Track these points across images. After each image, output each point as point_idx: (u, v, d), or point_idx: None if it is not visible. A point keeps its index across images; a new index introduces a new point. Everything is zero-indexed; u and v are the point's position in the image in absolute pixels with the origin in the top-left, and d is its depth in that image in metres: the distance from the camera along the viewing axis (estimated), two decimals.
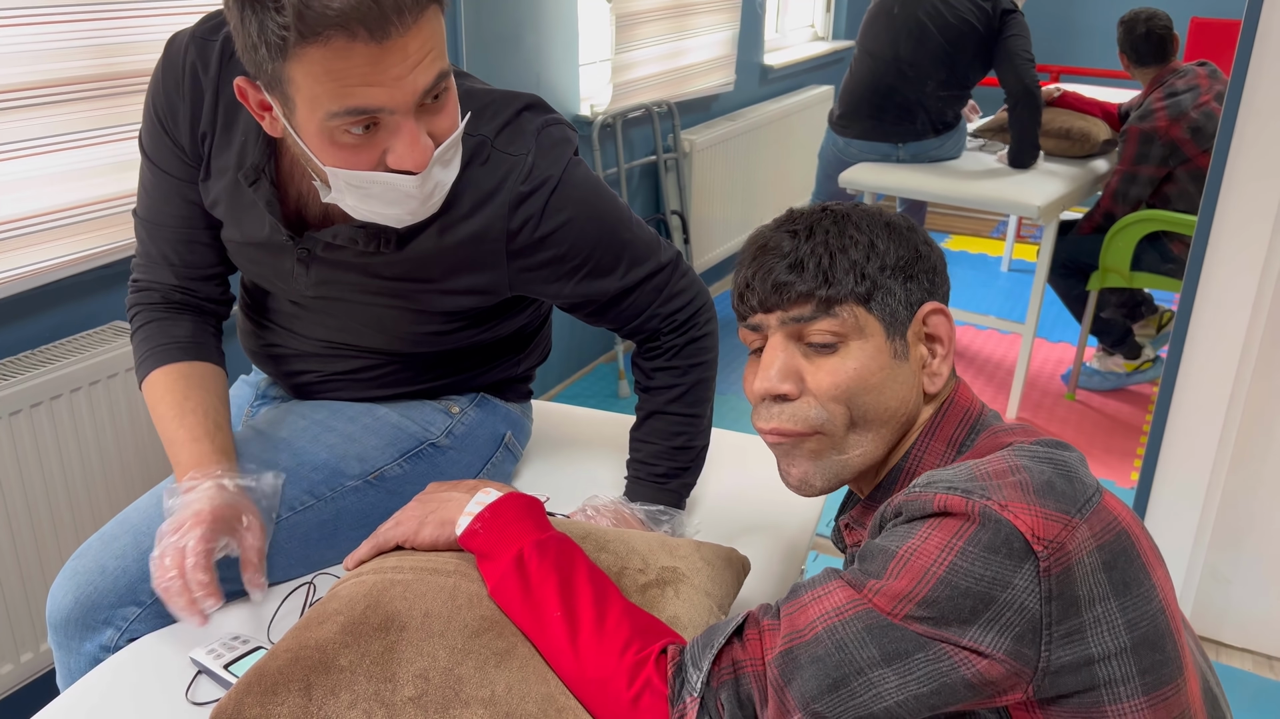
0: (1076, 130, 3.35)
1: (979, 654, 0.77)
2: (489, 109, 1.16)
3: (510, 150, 1.15)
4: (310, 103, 0.97)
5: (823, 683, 0.80)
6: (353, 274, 1.21)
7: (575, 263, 1.21)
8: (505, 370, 1.44)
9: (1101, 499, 0.82)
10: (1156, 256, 3.09)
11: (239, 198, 1.20)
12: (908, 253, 0.95)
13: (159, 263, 1.29)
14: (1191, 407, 2.13)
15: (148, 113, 1.22)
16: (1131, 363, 3.44)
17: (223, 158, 1.19)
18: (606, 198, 1.23)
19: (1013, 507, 0.78)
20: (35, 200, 1.71)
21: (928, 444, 0.95)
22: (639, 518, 1.30)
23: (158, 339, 1.28)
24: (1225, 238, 1.99)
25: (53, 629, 1.18)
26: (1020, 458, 0.84)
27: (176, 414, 1.22)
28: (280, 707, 0.87)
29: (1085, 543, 0.78)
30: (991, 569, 0.77)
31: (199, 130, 1.19)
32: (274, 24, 0.92)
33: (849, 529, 1.02)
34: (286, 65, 0.95)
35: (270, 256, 1.23)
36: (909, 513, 0.83)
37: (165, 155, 1.22)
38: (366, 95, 0.96)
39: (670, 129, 3.55)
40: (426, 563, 1.01)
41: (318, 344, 1.33)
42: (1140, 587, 0.80)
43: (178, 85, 1.18)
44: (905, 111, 3.33)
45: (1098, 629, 0.78)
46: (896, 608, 0.79)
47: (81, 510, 1.81)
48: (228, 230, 1.25)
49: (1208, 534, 2.20)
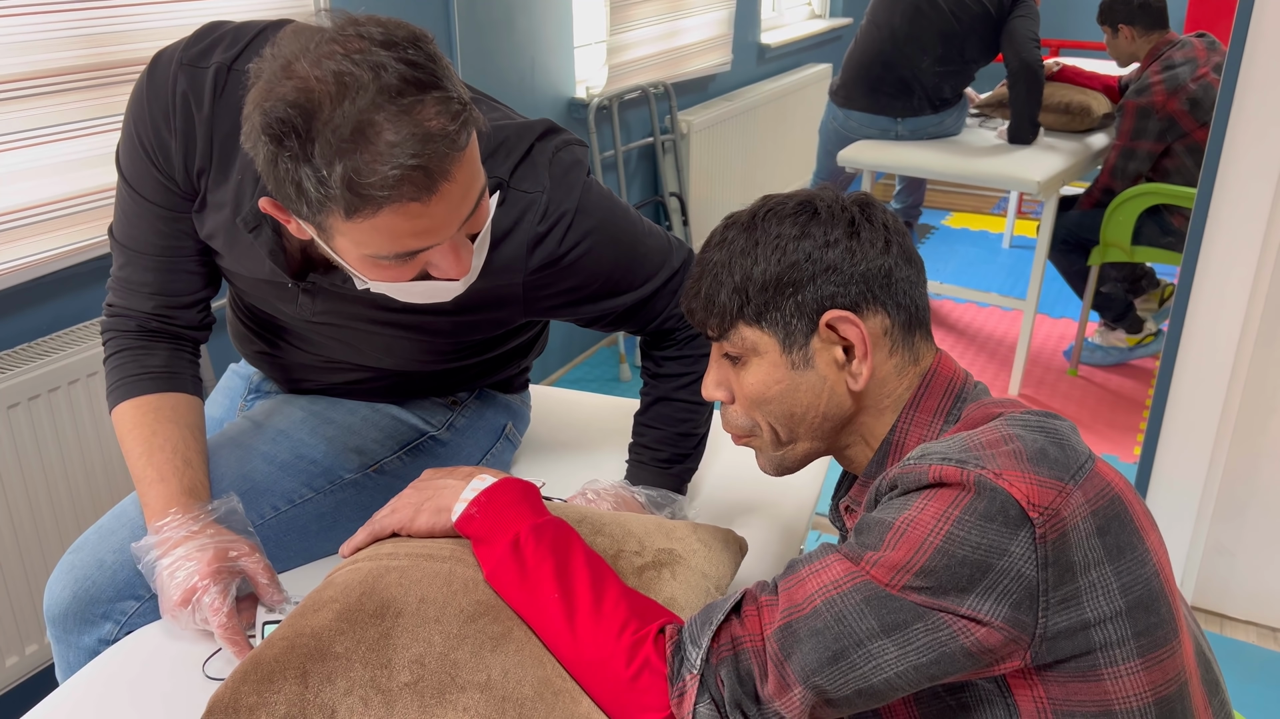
0: (1076, 104, 3.33)
1: (977, 622, 0.78)
2: (503, 148, 1.12)
3: (525, 188, 1.11)
4: (354, 245, 0.92)
5: (822, 655, 0.81)
6: (359, 306, 1.16)
7: (594, 288, 1.19)
8: (506, 373, 1.44)
9: (1094, 466, 0.83)
10: (1157, 230, 3.07)
11: (237, 237, 1.13)
12: (797, 265, 0.93)
13: (136, 290, 1.22)
14: (1193, 379, 2.12)
15: (130, 137, 1.13)
16: (1134, 337, 3.43)
17: (219, 193, 1.12)
18: (621, 216, 1.20)
19: (1007, 474, 0.79)
20: (29, 193, 1.71)
21: (913, 415, 0.96)
22: (640, 502, 1.30)
23: (129, 369, 1.22)
24: (1225, 210, 1.98)
25: (51, 623, 1.18)
26: (1013, 427, 0.85)
27: (144, 450, 1.17)
28: (277, 695, 0.87)
29: (1079, 508, 0.79)
30: (988, 537, 0.78)
31: (194, 167, 1.12)
32: (315, 190, 0.87)
33: (848, 512, 1.02)
34: (329, 219, 0.90)
35: (271, 288, 1.18)
36: (904, 485, 0.84)
37: (149, 185, 1.14)
38: (417, 242, 0.92)
39: (667, 110, 3.53)
40: (422, 549, 1.00)
41: (318, 359, 1.30)
42: (1134, 551, 0.81)
43: (167, 118, 1.10)
44: (903, 86, 3.31)
45: (1093, 594, 0.78)
46: (894, 579, 0.79)
47: (82, 502, 1.81)
48: (225, 261, 1.19)
49: (1210, 507, 2.19)
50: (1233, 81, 1.90)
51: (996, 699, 0.82)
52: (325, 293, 1.15)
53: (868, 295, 0.94)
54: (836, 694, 0.81)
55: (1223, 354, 2.07)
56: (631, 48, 3.25)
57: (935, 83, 3.29)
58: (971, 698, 0.84)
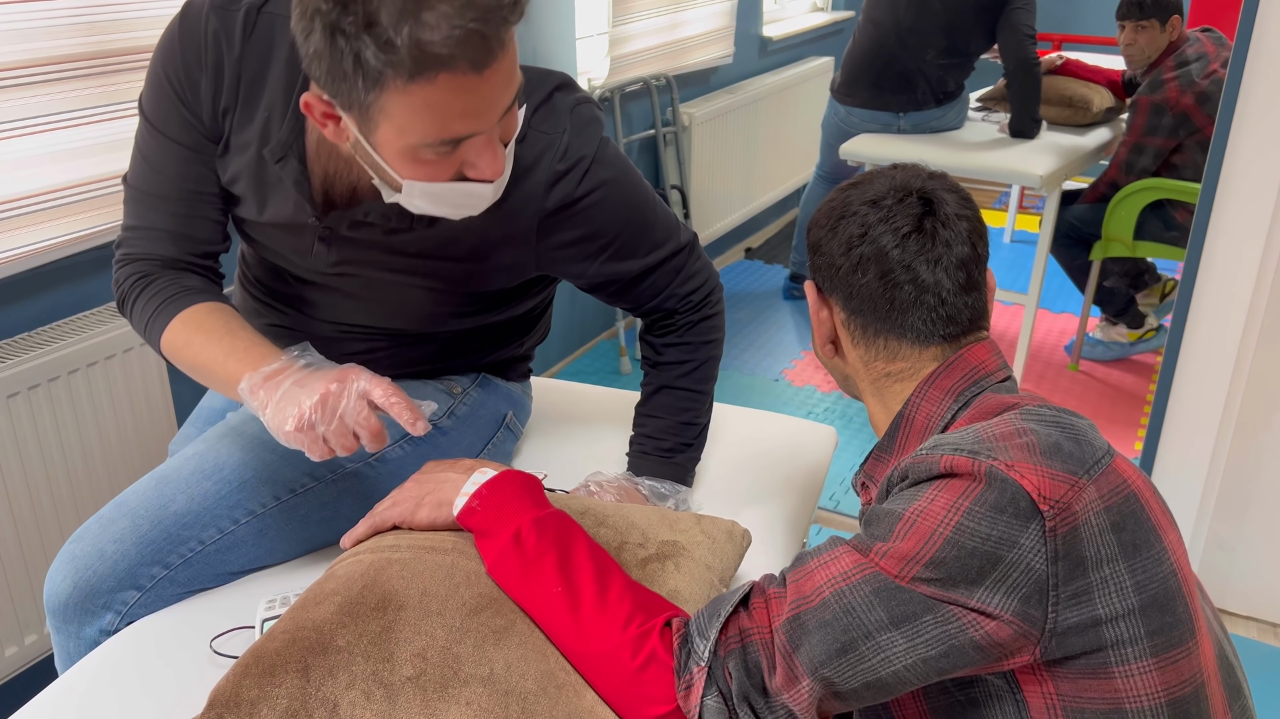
0: (1078, 98, 3.31)
1: (987, 615, 0.77)
2: (523, 89, 1.13)
3: (545, 129, 1.15)
4: (400, 130, 0.95)
5: (831, 647, 0.80)
6: (375, 252, 1.18)
7: (603, 242, 1.21)
8: (509, 350, 1.43)
9: (1112, 462, 0.82)
10: (1159, 225, 3.06)
11: (262, 175, 1.16)
12: (819, 225, 1.02)
13: (157, 237, 1.21)
14: (1195, 375, 2.12)
15: (157, 80, 1.15)
16: (1135, 332, 3.42)
17: (244, 134, 1.15)
18: (635, 178, 1.23)
19: (1019, 467, 0.79)
20: (29, 181, 1.70)
21: (926, 391, 0.97)
22: (644, 493, 1.30)
23: (169, 291, 1.19)
24: (1229, 205, 1.97)
25: (51, 614, 1.18)
26: (1027, 420, 0.84)
27: (225, 333, 1.12)
28: (278, 688, 0.86)
29: (1092, 503, 0.78)
30: (998, 528, 0.77)
31: (220, 105, 1.15)
32: (375, 58, 0.90)
33: (864, 488, 1.03)
34: (382, 96, 0.93)
35: (289, 234, 1.20)
36: (915, 475, 0.83)
37: (177, 125, 1.16)
38: (462, 125, 0.96)
39: (669, 102, 3.52)
40: (424, 541, 1.00)
41: (326, 326, 1.31)
42: (1150, 549, 0.80)
43: (199, 56, 1.13)
44: (905, 80, 3.29)
45: (1105, 590, 0.78)
46: (904, 570, 0.79)
47: (82, 492, 1.80)
48: (245, 208, 1.21)
49: (1212, 503, 2.19)
50: (1238, 77, 1.89)
51: (1005, 694, 0.82)
52: (342, 241, 1.17)
53: (829, 284, 1.00)
54: (844, 687, 0.81)
55: (1226, 349, 2.07)
56: (633, 39, 3.23)
57: (939, 75, 3.28)
58: (980, 693, 0.83)
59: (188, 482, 1.21)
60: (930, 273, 0.95)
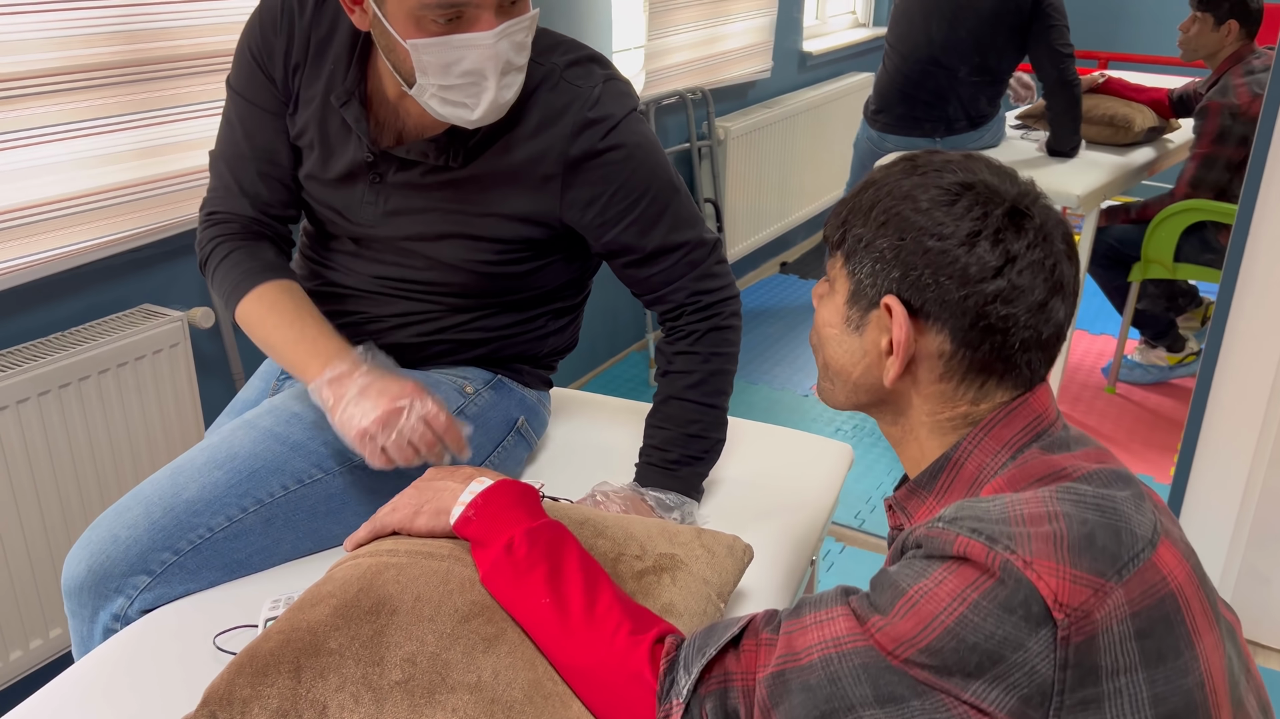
0: (1120, 117, 3.26)
1: (980, 711, 0.72)
2: (561, 46, 1.27)
3: (578, 82, 1.24)
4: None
5: (810, 713, 0.77)
6: (417, 199, 1.29)
7: (624, 204, 1.27)
8: (533, 346, 1.44)
9: (1153, 554, 0.74)
10: (1200, 246, 3.00)
11: (326, 125, 1.30)
12: (899, 229, 0.85)
13: (236, 194, 1.36)
14: (1230, 399, 2.07)
15: (240, 52, 1.32)
16: (1175, 356, 3.36)
17: (312, 88, 1.29)
18: (662, 157, 1.30)
19: (1038, 565, 0.72)
20: (66, 185, 1.74)
21: (981, 439, 0.86)
22: (649, 504, 1.30)
23: (247, 265, 1.33)
24: (1266, 226, 1.93)
25: (67, 597, 1.21)
26: (1063, 503, 0.76)
27: (295, 317, 1.28)
28: (270, 688, 0.87)
29: (1117, 609, 0.72)
30: (1004, 628, 0.72)
31: (291, 63, 1.29)
32: None
33: (891, 511, 0.96)
34: None
35: (345, 187, 1.32)
36: (928, 549, 0.78)
37: (257, 89, 1.32)
38: None
39: (705, 116, 3.52)
40: (422, 547, 1.01)
41: (373, 281, 1.37)
42: (1178, 658, 0.73)
43: (275, 24, 1.29)
44: (938, 103, 3.27)
45: (1118, 700, 0.71)
46: (898, 650, 0.75)
47: (109, 488, 1.84)
48: (309, 164, 1.33)
49: (1246, 531, 2.14)
50: (1276, 95, 1.86)
51: None
52: (389, 190, 1.30)
53: (938, 308, 0.84)
54: None
55: (1262, 373, 2.02)
56: (670, 53, 3.24)
57: (971, 94, 3.24)
58: None
59: (200, 471, 1.24)
60: (1062, 308, 0.85)
